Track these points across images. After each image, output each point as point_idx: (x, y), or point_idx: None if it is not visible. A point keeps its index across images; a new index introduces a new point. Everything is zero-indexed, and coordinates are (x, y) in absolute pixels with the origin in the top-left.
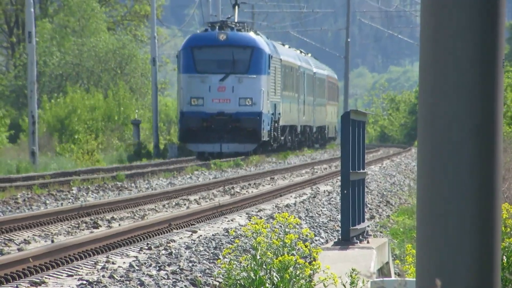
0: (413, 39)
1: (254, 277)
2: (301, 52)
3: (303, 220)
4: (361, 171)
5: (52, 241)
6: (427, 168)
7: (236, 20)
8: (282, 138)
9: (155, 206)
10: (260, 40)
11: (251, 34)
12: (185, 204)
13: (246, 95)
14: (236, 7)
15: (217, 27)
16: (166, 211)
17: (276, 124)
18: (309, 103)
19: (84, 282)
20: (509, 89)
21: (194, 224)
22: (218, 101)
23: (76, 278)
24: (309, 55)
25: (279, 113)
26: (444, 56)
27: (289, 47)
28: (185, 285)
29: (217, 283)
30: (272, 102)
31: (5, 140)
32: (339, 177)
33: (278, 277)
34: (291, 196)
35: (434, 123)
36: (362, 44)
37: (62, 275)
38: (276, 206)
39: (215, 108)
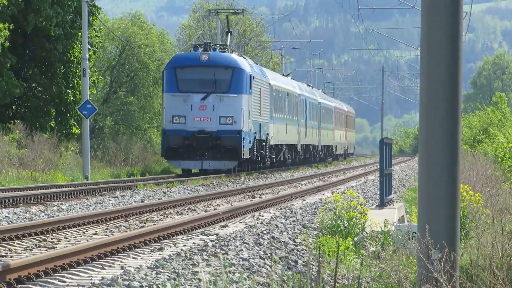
0: (416, 100)
1: (334, 223)
2: (308, 85)
3: (360, 194)
4: (390, 168)
5: (231, 205)
6: (423, 165)
7: (231, 51)
8: (274, 156)
9: (283, 187)
10: (242, 61)
11: (233, 55)
12: (299, 186)
13: (227, 113)
14: (229, 34)
15: (201, 49)
16: (289, 189)
17: (264, 143)
18: (312, 126)
19: (247, 225)
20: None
21: (304, 196)
22: (199, 119)
23: (243, 224)
24: (320, 90)
25: (267, 133)
26: (432, 101)
27: (292, 79)
28: (299, 228)
29: (315, 226)
30: (256, 121)
31: None
32: (378, 172)
33: (347, 223)
34: (353, 182)
35: (426, 142)
36: (390, 103)
37: (236, 222)
38: (346, 187)
39: (196, 126)
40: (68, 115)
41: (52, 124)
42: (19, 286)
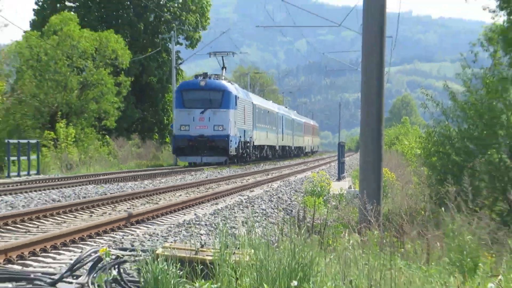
0: (358, 121)
1: (313, 189)
2: (286, 107)
3: (327, 172)
4: (343, 159)
5: (256, 179)
6: (362, 157)
7: (223, 78)
8: (257, 153)
9: (285, 169)
10: (230, 85)
11: (223, 81)
12: (293, 168)
13: (219, 123)
14: (223, 69)
15: (200, 77)
16: (288, 170)
17: (248, 144)
18: (287, 134)
19: (265, 190)
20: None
21: (296, 174)
22: (199, 127)
23: (262, 190)
24: (295, 112)
25: (251, 137)
26: (367, 122)
27: (272, 102)
28: (293, 191)
29: (302, 191)
30: (241, 128)
31: None
32: (337, 161)
33: (319, 189)
34: (323, 166)
35: (364, 144)
36: (343, 123)
37: (258, 189)
38: (319, 169)
39: (197, 132)
40: (164, 131)
41: (156, 137)
42: (138, 224)
